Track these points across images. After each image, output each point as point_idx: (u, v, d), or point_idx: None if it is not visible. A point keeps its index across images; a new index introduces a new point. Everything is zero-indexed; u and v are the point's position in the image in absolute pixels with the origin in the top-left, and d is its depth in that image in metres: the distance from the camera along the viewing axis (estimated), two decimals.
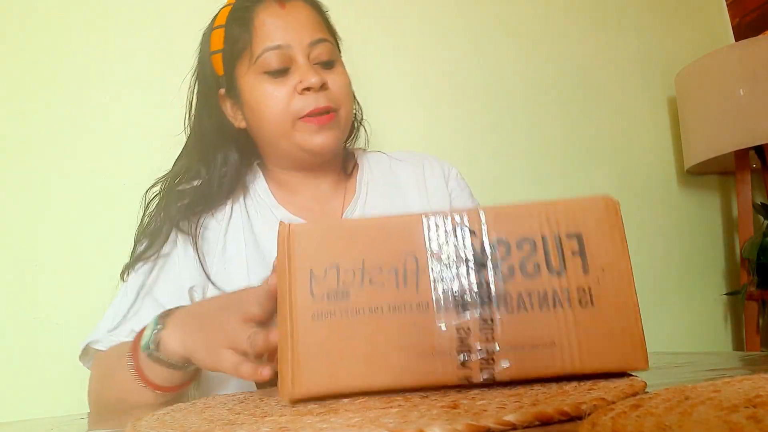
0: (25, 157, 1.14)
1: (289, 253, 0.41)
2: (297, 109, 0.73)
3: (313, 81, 0.71)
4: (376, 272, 0.41)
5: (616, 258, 0.42)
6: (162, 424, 0.39)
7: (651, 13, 1.71)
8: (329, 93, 0.74)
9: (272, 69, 0.73)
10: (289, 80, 0.73)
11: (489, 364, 0.39)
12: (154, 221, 0.77)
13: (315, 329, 0.40)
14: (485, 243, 0.41)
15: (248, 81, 0.74)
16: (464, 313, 0.40)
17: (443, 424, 0.29)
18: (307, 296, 0.40)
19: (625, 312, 0.41)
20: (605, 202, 0.43)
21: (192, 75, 0.82)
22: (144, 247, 0.76)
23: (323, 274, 0.41)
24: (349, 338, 0.40)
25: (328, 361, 0.39)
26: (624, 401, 0.31)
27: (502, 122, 1.47)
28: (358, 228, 0.43)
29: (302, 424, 0.33)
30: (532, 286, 0.41)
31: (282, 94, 0.72)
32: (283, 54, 0.72)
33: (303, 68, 0.72)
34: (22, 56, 1.16)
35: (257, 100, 0.74)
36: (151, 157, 1.19)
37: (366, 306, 0.40)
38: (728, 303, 1.63)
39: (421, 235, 0.42)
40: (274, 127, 0.74)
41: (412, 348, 0.40)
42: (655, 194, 1.62)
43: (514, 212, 0.42)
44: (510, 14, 1.56)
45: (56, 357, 1.08)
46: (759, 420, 0.23)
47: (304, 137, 0.74)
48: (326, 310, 0.40)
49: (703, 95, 1.50)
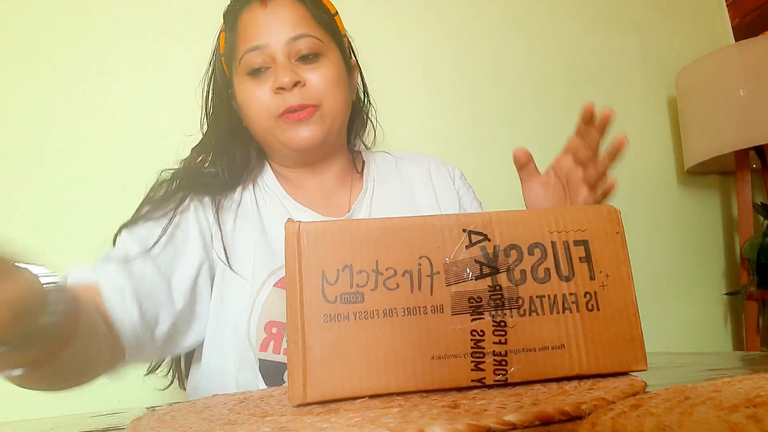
0: (22, 152, 1.14)
1: (300, 253, 0.41)
2: (274, 108, 0.74)
3: (285, 81, 0.72)
4: (389, 274, 0.41)
5: (618, 265, 0.44)
6: (162, 424, 0.39)
7: (651, 13, 1.71)
8: (305, 90, 0.74)
9: (253, 69, 0.74)
10: (269, 79, 0.74)
11: (502, 366, 0.40)
12: (166, 187, 0.75)
13: (327, 332, 0.39)
14: (498, 248, 0.42)
15: (238, 82, 0.77)
16: (478, 317, 0.41)
17: (444, 424, 0.29)
18: (319, 298, 0.40)
19: (627, 316, 0.43)
20: (607, 211, 0.44)
21: (209, 75, 0.83)
22: (149, 209, 0.72)
23: (335, 276, 0.40)
24: (362, 341, 0.39)
25: (341, 365, 0.39)
26: (624, 401, 0.31)
27: (502, 122, 1.47)
28: (371, 228, 0.42)
29: (302, 424, 0.33)
30: (543, 291, 0.42)
31: (262, 93, 0.74)
32: (263, 54, 0.73)
33: (280, 67, 0.73)
34: (25, 54, 1.16)
35: (244, 101, 0.76)
36: (153, 158, 1.19)
37: (380, 309, 0.40)
38: (728, 303, 1.63)
39: (435, 237, 0.42)
40: (259, 126, 0.76)
41: (428, 351, 0.40)
42: (655, 194, 1.62)
43: (525, 218, 0.43)
44: (510, 15, 1.56)
45: None
46: (759, 420, 0.23)
47: (284, 134, 0.75)
48: (339, 313, 0.40)
49: (703, 95, 1.50)
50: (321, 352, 0.39)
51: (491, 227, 0.43)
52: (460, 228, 0.42)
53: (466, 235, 0.42)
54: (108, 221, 1.13)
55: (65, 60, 1.19)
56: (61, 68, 1.18)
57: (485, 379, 0.40)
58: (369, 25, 1.37)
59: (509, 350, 0.40)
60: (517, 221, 0.43)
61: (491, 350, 0.40)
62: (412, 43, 1.45)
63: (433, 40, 1.47)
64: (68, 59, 1.19)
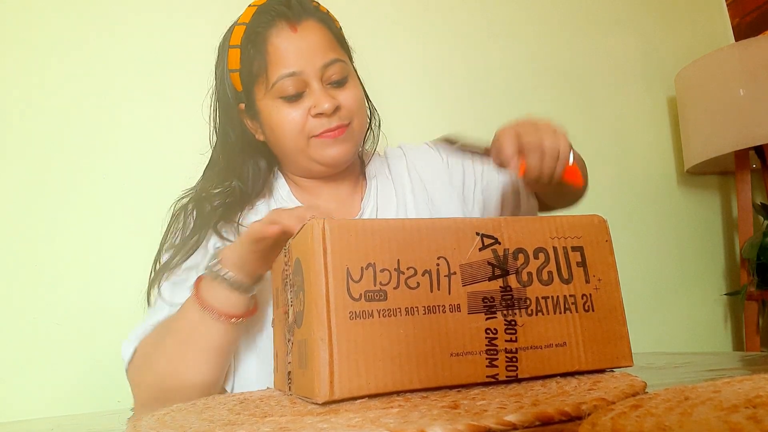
0: (27, 158, 1.14)
1: (325, 250, 0.41)
2: (308, 129, 0.76)
3: (325, 107, 0.75)
4: (410, 273, 0.42)
5: (607, 270, 0.47)
6: (162, 424, 0.39)
7: (651, 14, 1.71)
8: (341, 112, 0.77)
9: (288, 95, 0.76)
10: (304, 103, 0.76)
11: (513, 362, 0.43)
12: (182, 231, 0.78)
13: (353, 329, 0.40)
14: (508, 251, 0.45)
15: (266, 104, 0.78)
16: (491, 316, 0.43)
17: (444, 424, 0.29)
18: (345, 295, 0.40)
19: (616, 316, 0.47)
20: (598, 221, 0.49)
21: (213, 90, 0.84)
22: (170, 257, 0.76)
23: (360, 273, 0.41)
24: (386, 338, 0.40)
25: (366, 362, 0.39)
26: (624, 401, 0.31)
27: (500, 122, 1.47)
28: (392, 228, 0.43)
29: (302, 424, 0.33)
30: (547, 292, 0.45)
31: (297, 116, 0.76)
32: (298, 80, 0.75)
33: (317, 93, 0.75)
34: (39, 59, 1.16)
35: (276, 123, 0.77)
36: (155, 162, 1.20)
37: (403, 306, 0.41)
38: (728, 303, 1.63)
39: (451, 239, 0.43)
40: (291, 145, 0.78)
41: (447, 348, 0.41)
42: (655, 194, 1.62)
43: (530, 224, 0.46)
44: (510, 15, 1.56)
45: (57, 357, 1.08)
46: (759, 420, 0.23)
47: (318, 152, 0.78)
48: (364, 310, 0.40)
49: (703, 95, 1.50)
50: (347, 349, 0.39)
51: (501, 231, 0.45)
52: (474, 231, 0.44)
53: (479, 238, 0.44)
54: (108, 223, 1.13)
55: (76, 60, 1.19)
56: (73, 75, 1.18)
57: (498, 375, 0.42)
58: (367, 28, 1.37)
59: (519, 348, 0.43)
60: (523, 226, 0.46)
61: (503, 348, 0.43)
62: (408, 45, 1.45)
63: (434, 41, 1.47)
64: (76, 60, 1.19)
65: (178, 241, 0.77)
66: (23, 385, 1.06)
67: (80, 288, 1.11)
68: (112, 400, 1.01)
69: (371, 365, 0.39)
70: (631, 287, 1.47)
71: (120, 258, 1.14)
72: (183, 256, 0.75)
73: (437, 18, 1.49)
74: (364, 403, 0.38)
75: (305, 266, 0.43)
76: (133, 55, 1.23)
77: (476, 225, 0.44)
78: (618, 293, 0.47)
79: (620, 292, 0.47)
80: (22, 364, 1.07)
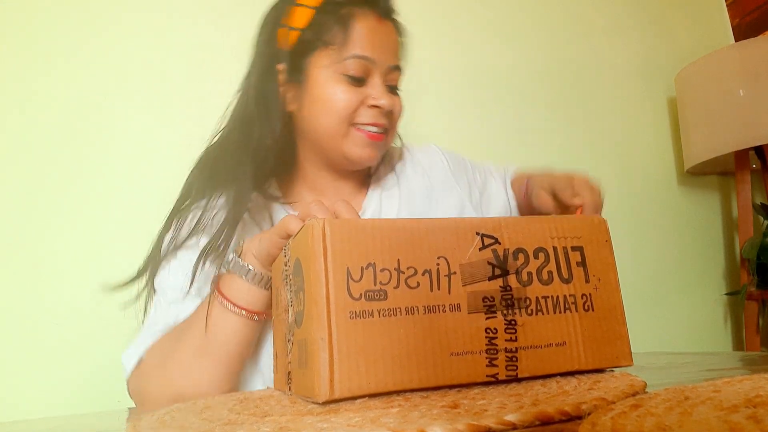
0: (27, 157, 1.14)
1: (325, 250, 0.41)
2: (359, 116, 0.76)
3: (383, 102, 0.75)
4: (410, 273, 0.42)
5: (607, 270, 0.48)
6: (162, 424, 0.39)
7: (651, 14, 1.71)
8: (390, 115, 0.78)
9: (353, 75, 0.75)
10: (363, 90, 0.76)
11: (513, 362, 0.43)
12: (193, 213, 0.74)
13: (353, 328, 0.40)
14: (508, 251, 0.45)
15: (324, 74, 0.76)
16: (491, 315, 0.43)
17: (444, 424, 0.29)
18: (345, 295, 0.40)
19: (615, 316, 0.47)
20: (598, 221, 0.49)
21: (258, 38, 0.80)
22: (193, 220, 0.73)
23: (360, 273, 0.41)
24: (386, 338, 0.40)
25: (366, 361, 0.39)
26: (624, 401, 0.31)
27: (501, 122, 1.47)
28: (392, 228, 0.43)
29: (302, 424, 0.33)
30: (547, 292, 0.45)
31: (353, 99, 0.75)
32: (367, 66, 0.75)
33: (378, 86, 0.76)
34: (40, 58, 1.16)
35: (328, 95, 0.75)
36: (155, 163, 1.20)
37: (403, 306, 0.41)
38: (728, 303, 1.63)
39: (451, 239, 0.43)
40: (332, 124, 0.76)
41: (447, 348, 0.41)
42: (655, 194, 1.62)
43: (530, 224, 0.46)
44: (510, 16, 1.56)
45: (57, 357, 1.08)
46: (759, 420, 0.23)
47: (351, 144, 0.77)
48: (364, 310, 0.40)
49: (703, 95, 1.51)
50: (348, 348, 0.39)
51: (501, 231, 0.45)
52: (474, 231, 0.44)
53: (479, 238, 0.44)
54: (108, 222, 1.13)
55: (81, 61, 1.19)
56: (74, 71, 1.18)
57: (498, 375, 0.42)
58: None
59: (519, 347, 0.43)
60: (522, 226, 0.46)
61: (503, 347, 0.43)
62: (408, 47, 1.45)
63: (435, 44, 1.47)
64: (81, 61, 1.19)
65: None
66: (23, 385, 1.06)
67: (80, 288, 1.11)
68: (112, 400, 1.01)
69: (371, 365, 0.39)
70: (631, 287, 1.48)
71: (120, 258, 1.14)
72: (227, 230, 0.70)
73: (438, 21, 1.49)
74: (364, 403, 0.38)
75: (305, 266, 0.43)
76: (133, 55, 1.23)
77: (476, 225, 0.45)
78: (618, 293, 0.47)
79: (620, 292, 0.47)
80: (22, 364, 1.06)
